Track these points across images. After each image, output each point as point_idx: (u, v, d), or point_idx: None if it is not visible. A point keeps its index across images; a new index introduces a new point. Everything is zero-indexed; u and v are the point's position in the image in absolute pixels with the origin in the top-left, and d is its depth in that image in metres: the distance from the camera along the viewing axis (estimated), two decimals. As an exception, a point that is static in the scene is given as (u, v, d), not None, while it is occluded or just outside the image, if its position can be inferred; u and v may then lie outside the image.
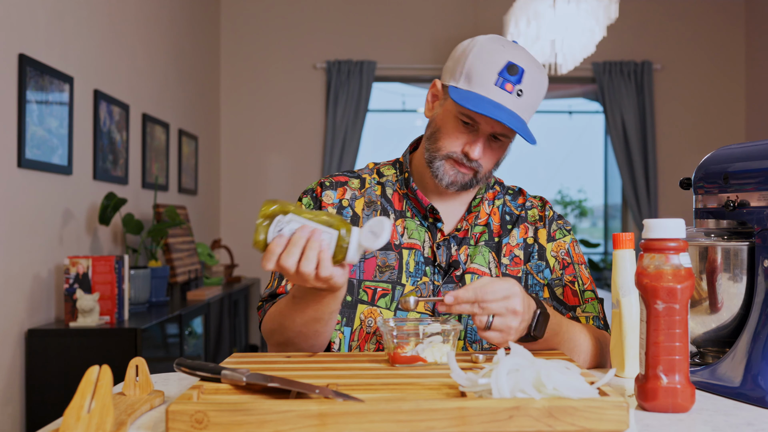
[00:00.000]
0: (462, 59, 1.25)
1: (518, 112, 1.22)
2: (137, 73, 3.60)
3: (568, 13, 3.63)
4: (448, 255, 1.31)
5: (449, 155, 1.26)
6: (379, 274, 1.29)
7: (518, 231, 1.35)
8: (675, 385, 0.88)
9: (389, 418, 0.75)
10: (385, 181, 1.37)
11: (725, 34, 5.39)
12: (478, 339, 1.28)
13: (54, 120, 2.69)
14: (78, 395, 0.75)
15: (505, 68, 1.21)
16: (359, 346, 1.27)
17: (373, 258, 1.30)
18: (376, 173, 1.39)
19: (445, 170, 1.27)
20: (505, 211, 1.37)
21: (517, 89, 1.21)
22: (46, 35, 2.66)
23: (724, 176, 1.07)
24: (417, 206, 1.33)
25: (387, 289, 1.28)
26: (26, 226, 2.51)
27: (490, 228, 1.35)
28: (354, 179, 1.37)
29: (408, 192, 1.34)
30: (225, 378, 0.90)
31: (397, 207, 1.34)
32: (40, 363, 2.48)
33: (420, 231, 1.32)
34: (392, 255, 1.30)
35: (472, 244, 1.32)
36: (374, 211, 1.33)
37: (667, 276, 0.88)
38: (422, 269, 1.29)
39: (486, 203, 1.37)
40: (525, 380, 0.79)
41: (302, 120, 5.29)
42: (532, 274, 1.33)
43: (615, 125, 5.24)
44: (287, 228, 1.01)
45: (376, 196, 1.35)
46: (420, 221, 1.33)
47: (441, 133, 1.28)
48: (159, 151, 3.90)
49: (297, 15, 5.28)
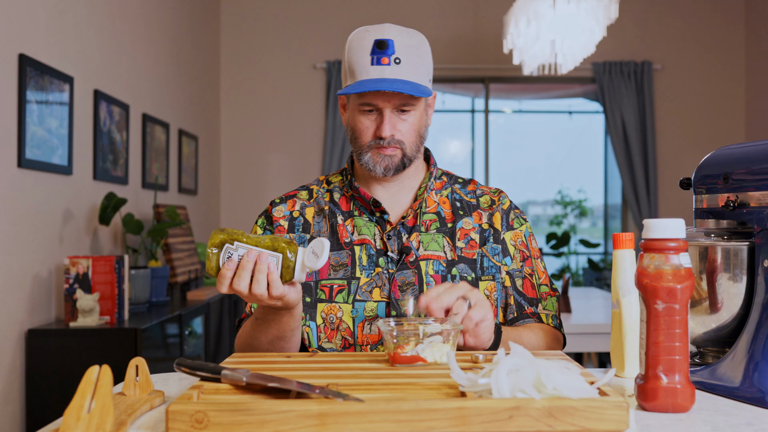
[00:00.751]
0: (343, 63, 1.35)
1: (403, 77, 1.29)
2: (137, 74, 3.61)
3: (568, 13, 3.63)
4: (399, 243, 1.37)
5: (369, 145, 1.34)
6: (333, 272, 1.36)
7: (471, 219, 1.41)
8: (675, 385, 0.88)
9: (389, 418, 0.76)
10: (332, 187, 1.46)
11: (725, 34, 5.39)
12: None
13: (54, 120, 2.69)
14: (78, 395, 0.75)
15: (373, 47, 1.28)
16: (327, 338, 1.34)
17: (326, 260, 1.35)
18: (325, 183, 1.48)
19: (374, 160, 1.35)
20: (455, 198, 1.43)
21: (393, 58, 1.29)
22: (47, 35, 2.66)
23: (724, 176, 1.07)
24: (363, 204, 1.40)
25: (342, 284, 1.35)
26: (26, 226, 2.51)
27: (441, 216, 1.40)
28: (302, 191, 1.47)
29: (353, 192, 1.41)
30: (225, 378, 0.90)
31: (345, 208, 1.42)
32: (40, 363, 2.48)
33: (369, 226, 1.38)
34: (344, 253, 1.37)
35: (423, 231, 1.38)
36: (323, 217, 1.41)
37: (667, 276, 0.88)
38: (374, 261, 1.35)
39: (433, 193, 1.43)
40: (525, 380, 0.79)
41: (302, 120, 5.29)
42: (488, 257, 1.38)
43: (615, 125, 5.24)
44: (235, 254, 1.10)
45: (325, 202, 1.43)
46: (368, 217, 1.39)
47: (355, 130, 1.36)
48: (159, 151, 3.90)
49: (297, 15, 5.28)
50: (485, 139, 5.45)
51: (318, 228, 1.40)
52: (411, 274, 1.35)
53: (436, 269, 1.35)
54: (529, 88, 5.72)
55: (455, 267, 1.36)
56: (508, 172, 6.07)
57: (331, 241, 1.38)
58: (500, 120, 5.92)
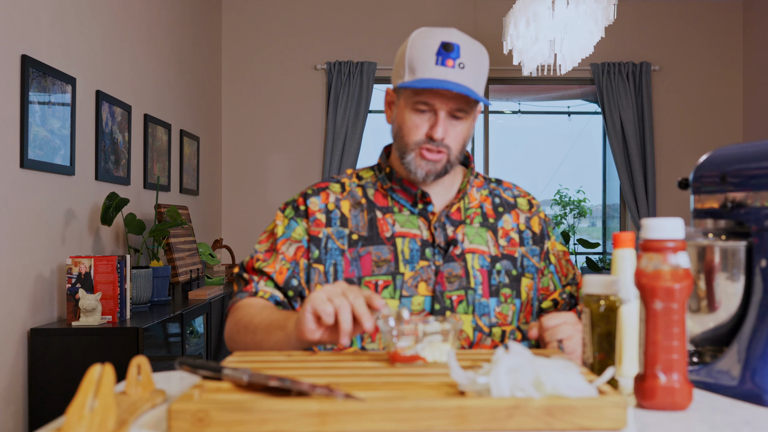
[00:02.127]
0: (402, 58, 1.32)
1: (465, 83, 1.27)
2: (139, 74, 3.61)
3: (567, 14, 3.63)
4: (445, 235, 1.35)
5: (417, 144, 1.31)
6: (377, 269, 1.32)
7: (510, 217, 1.41)
8: (673, 384, 0.88)
9: (389, 417, 0.76)
10: (364, 183, 1.41)
11: (723, 35, 5.40)
12: (485, 312, 1.33)
13: (56, 121, 2.70)
14: (80, 394, 0.75)
15: (440, 47, 1.27)
16: (371, 337, 1.30)
17: (367, 254, 1.33)
18: (355, 177, 1.43)
19: (417, 163, 1.32)
20: (495, 194, 1.44)
21: (458, 63, 1.27)
22: (49, 36, 2.67)
23: (722, 176, 1.08)
24: (405, 196, 1.37)
25: (388, 280, 1.32)
26: (29, 226, 2.52)
27: (483, 210, 1.40)
28: (334, 184, 1.42)
29: (392, 185, 1.38)
30: (226, 377, 0.90)
31: (382, 204, 1.38)
32: (43, 362, 2.49)
33: (412, 219, 1.36)
34: (385, 249, 1.33)
35: (468, 224, 1.37)
36: (361, 210, 1.37)
37: (665, 276, 0.88)
38: (418, 255, 1.33)
39: (474, 190, 1.43)
40: (524, 379, 0.80)
41: (303, 121, 5.29)
42: (527, 257, 1.40)
43: (613, 126, 5.24)
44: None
45: (359, 197, 1.39)
46: (410, 210, 1.37)
47: (403, 129, 1.33)
48: (161, 151, 3.91)
49: (298, 16, 5.28)
50: (485, 140, 5.45)
51: (356, 222, 1.36)
52: (458, 267, 1.34)
53: (481, 264, 1.35)
54: (529, 89, 5.72)
55: (499, 263, 1.36)
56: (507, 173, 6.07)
57: (372, 234, 1.35)
58: (499, 120, 5.92)
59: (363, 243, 1.34)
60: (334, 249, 1.35)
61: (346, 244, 1.35)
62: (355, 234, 1.35)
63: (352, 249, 1.34)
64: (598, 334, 0.99)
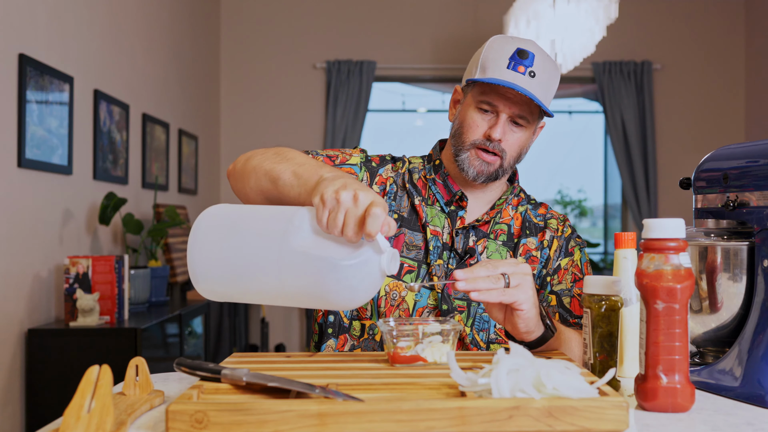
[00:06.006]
0: (477, 56, 1.34)
1: (533, 91, 1.28)
2: (137, 73, 3.61)
3: (568, 13, 3.63)
4: (465, 243, 1.35)
5: (474, 143, 1.33)
6: (407, 251, 1.34)
7: (536, 239, 1.40)
8: (675, 385, 0.88)
9: (389, 418, 0.76)
10: (412, 167, 1.43)
11: (725, 34, 5.39)
12: (485, 327, 1.32)
13: (54, 120, 2.69)
14: (78, 395, 0.75)
15: (515, 53, 1.29)
16: (385, 314, 1.31)
17: (401, 235, 1.36)
18: (407, 161, 1.46)
19: (471, 162, 1.34)
20: (527, 218, 1.42)
21: (529, 71, 1.28)
22: (46, 35, 2.66)
23: (723, 176, 1.07)
24: (442, 191, 1.39)
25: (413, 266, 1.34)
26: (26, 226, 2.51)
27: (510, 230, 1.39)
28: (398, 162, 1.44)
29: (436, 177, 1.40)
30: (225, 378, 0.90)
31: (422, 192, 1.40)
32: (40, 363, 2.48)
33: (440, 217, 1.37)
34: (419, 236, 1.35)
35: (492, 239, 1.37)
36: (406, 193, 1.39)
37: (666, 276, 0.88)
38: (438, 253, 1.34)
39: (510, 207, 1.42)
40: (525, 380, 0.79)
41: (302, 120, 5.29)
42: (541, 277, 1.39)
43: (615, 125, 5.24)
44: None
45: (406, 179, 1.41)
46: (441, 207, 1.38)
47: (464, 126, 1.35)
48: (159, 151, 3.90)
49: (297, 15, 5.28)
50: (485, 139, 5.45)
51: (400, 203, 1.39)
52: None
53: None
54: (529, 87, 5.71)
55: None
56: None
57: (410, 220, 1.37)
58: (500, 120, 5.92)
59: (401, 224, 1.37)
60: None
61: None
62: (396, 213, 1.38)
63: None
64: (599, 334, 0.98)
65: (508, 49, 1.30)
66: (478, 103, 1.32)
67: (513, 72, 1.28)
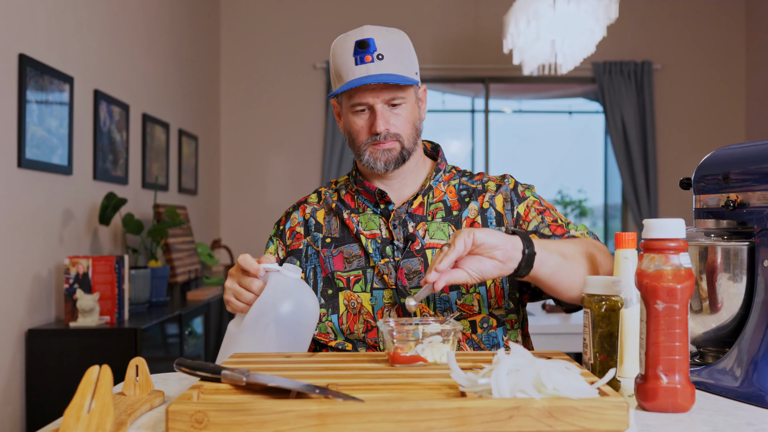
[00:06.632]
0: (330, 70, 1.40)
1: (389, 71, 1.33)
2: (137, 74, 3.60)
3: (568, 13, 3.63)
4: (405, 232, 1.39)
5: (366, 143, 1.38)
6: (348, 265, 1.39)
7: (476, 203, 1.42)
8: (675, 385, 0.88)
9: (389, 418, 0.75)
10: (339, 187, 1.50)
11: (725, 34, 5.39)
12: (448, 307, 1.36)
13: (54, 120, 2.69)
14: (78, 395, 0.75)
15: (355, 47, 1.33)
16: (349, 329, 1.36)
17: (339, 254, 1.41)
18: (333, 184, 1.53)
19: (374, 157, 1.38)
20: (461, 188, 1.45)
21: (376, 55, 1.33)
22: (47, 35, 2.66)
23: (724, 176, 1.07)
24: (367, 197, 1.44)
25: (358, 275, 1.38)
26: (26, 226, 2.51)
27: (446, 204, 1.42)
28: (312, 195, 1.52)
29: (357, 187, 1.45)
30: (225, 378, 0.90)
31: (351, 205, 1.45)
32: (40, 363, 2.48)
33: (374, 219, 1.42)
34: (356, 246, 1.40)
35: (429, 220, 1.40)
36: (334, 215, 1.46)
37: (667, 276, 0.88)
38: (379, 252, 1.38)
39: (441, 184, 1.45)
40: (525, 380, 0.79)
41: (302, 120, 5.29)
42: None
43: (615, 125, 5.23)
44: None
45: (332, 201, 1.47)
46: (373, 210, 1.43)
47: (351, 132, 1.40)
48: (159, 151, 3.90)
49: (297, 15, 5.28)
50: (485, 139, 5.45)
51: (329, 227, 1.44)
52: (417, 262, 1.36)
53: None
54: (529, 88, 5.71)
55: None
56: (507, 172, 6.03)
57: (343, 235, 1.42)
58: (500, 120, 5.92)
59: (336, 244, 1.42)
60: (313, 254, 1.43)
61: (320, 246, 1.43)
62: (328, 237, 1.43)
63: (326, 249, 1.42)
64: (599, 334, 0.98)
65: (349, 47, 1.34)
66: (352, 108, 1.37)
67: (363, 65, 1.32)
